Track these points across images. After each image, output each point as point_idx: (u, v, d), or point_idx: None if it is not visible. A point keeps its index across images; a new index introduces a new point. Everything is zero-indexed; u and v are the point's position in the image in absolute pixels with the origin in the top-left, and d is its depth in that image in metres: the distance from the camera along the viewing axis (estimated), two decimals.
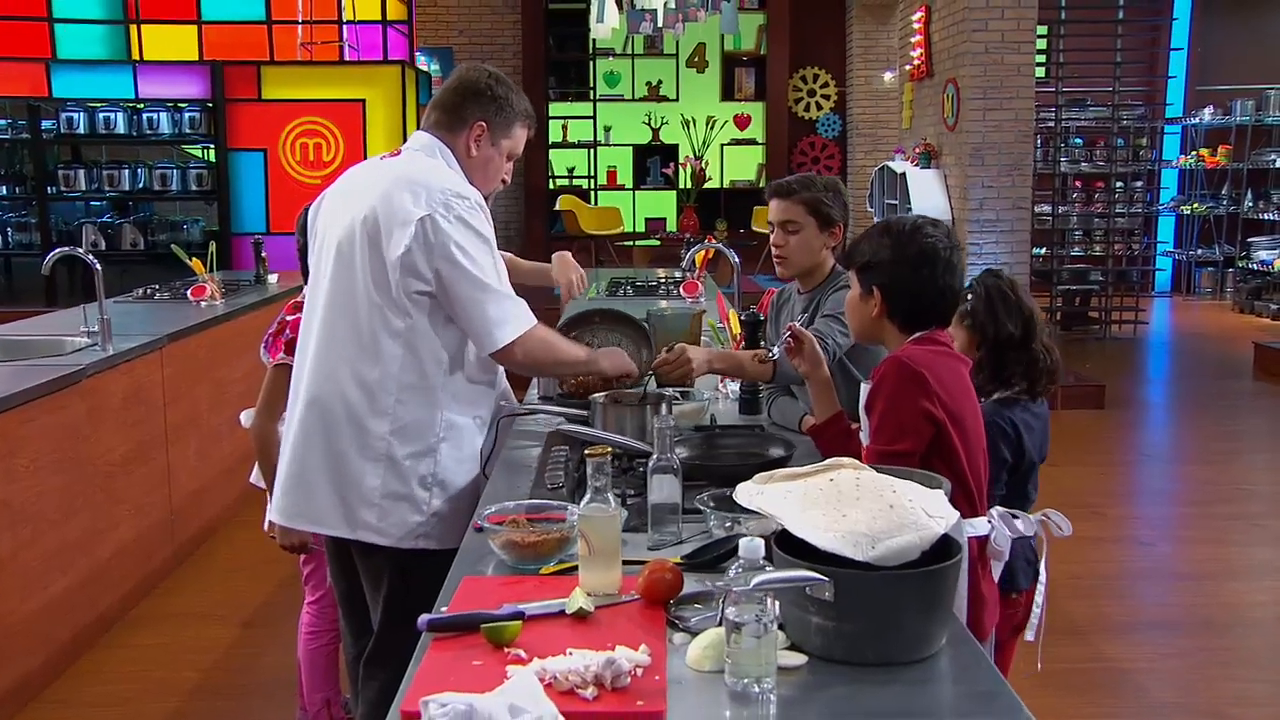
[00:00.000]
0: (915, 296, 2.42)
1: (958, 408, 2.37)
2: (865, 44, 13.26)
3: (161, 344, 4.92)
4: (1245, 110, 12.39)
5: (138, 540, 4.67)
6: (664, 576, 1.92)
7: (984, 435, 2.48)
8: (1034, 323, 2.83)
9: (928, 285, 2.41)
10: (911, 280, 2.41)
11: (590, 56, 13.27)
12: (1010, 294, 2.83)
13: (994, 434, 2.69)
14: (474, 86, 2.75)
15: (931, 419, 2.33)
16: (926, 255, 2.40)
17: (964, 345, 2.81)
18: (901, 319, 2.44)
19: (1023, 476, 2.79)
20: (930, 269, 2.40)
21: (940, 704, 1.65)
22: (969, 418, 2.41)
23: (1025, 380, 2.82)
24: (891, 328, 2.46)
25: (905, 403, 2.31)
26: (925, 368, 2.33)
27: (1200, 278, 13.44)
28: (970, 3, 9.14)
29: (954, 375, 2.40)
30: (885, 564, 1.74)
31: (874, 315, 2.47)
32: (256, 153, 9.37)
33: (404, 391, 2.59)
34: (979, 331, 2.82)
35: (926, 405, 2.31)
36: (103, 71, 9.70)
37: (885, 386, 2.34)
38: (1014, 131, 9.33)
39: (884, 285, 2.43)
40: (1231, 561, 5.18)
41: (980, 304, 2.82)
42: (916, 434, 2.31)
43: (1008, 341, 2.82)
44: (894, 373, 2.34)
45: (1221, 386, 8.74)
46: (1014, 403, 2.80)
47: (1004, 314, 2.81)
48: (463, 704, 1.46)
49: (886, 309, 2.44)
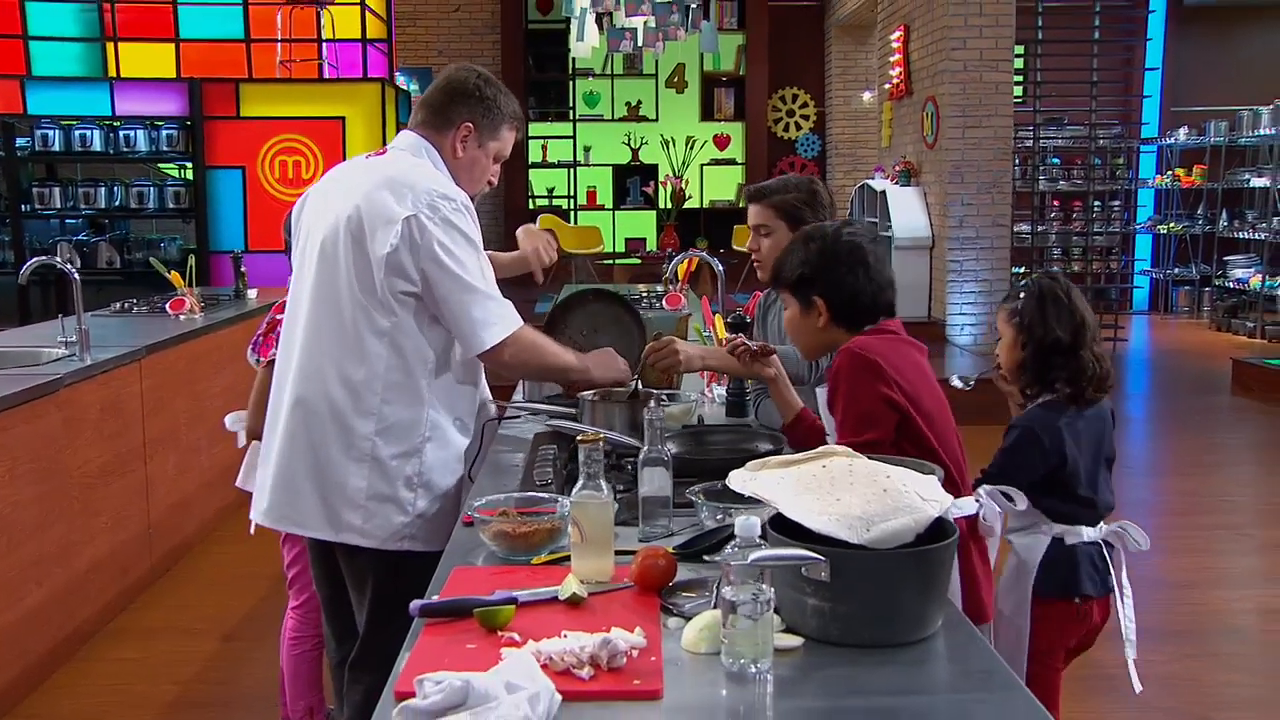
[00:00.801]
0: (856, 296, 2.45)
1: (915, 391, 2.37)
2: (844, 64, 13.35)
3: (140, 355, 4.87)
4: (1219, 131, 12.52)
5: (115, 553, 4.61)
6: (657, 563, 1.90)
7: (949, 415, 2.47)
8: (1085, 329, 2.70)
9: (864, 282, 2.44)
10: (848, 281, 2.44)
11: (570, 77, 13.31)
12: (1064, 298, 2.71)
13: (1025, 442, 2.65)
14: (462, 87, 2.73)
15: (893, 405, 2.33)
16: (856, 253, 2.44)
17: (1009, 342, 2.75)
18: (848, 321, 2.46)
19: (1070, 481, 2.67)
20: (864, 265, 2.44)
21: (937, 682, 1.63)
22: (928, 400, 2.41)
23: (1069, 386, 2.69)
24: (840, 332, 2.47)
25: (864, 392, 2.32)
26: (878, 355, 2.34)
27: (1178, 296, 13.53)
28: (949, 22, 9.22)
29: (908, 360, 2.41)
30: (880, 547, 1.72)
31: (821, 326, 2.48)
32: (235, 170, 9.33)
33: (389, 391, 2.56)
34: (1025, 331, 2.72)
35: (885, 391, 2.32)
36: (79, 89, 9.66)
37: (842, 380, 2.35)
38: (993, 149, 9.40)
39: (824, 293, 2.45)
40: (1215, 570, 5.19)
41: (1032, 303, 2.72)
42: (881, 422, 2.31)
43: (1054, 346, 2.69)
44: (848, 364, 2.35)
45: (1201, 402, 8.78)
46: (1056, 406, 2.70)
47: (1054, 317, 2.68)
48: (458, 680, 1.43)
49: (831, 316, 2.46)
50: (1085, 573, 2.67)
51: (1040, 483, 2.65)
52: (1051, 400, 2.70)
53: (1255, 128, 11.99)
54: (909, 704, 1.54)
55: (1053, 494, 2.67)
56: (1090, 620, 2.71)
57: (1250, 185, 12.32)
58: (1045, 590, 2.67)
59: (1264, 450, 7.52)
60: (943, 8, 9.30)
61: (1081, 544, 2.67)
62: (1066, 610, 2.68)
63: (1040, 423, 2.67)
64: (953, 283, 9.52)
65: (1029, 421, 2.69)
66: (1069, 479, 2.66)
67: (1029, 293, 2.75)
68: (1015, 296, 2.77)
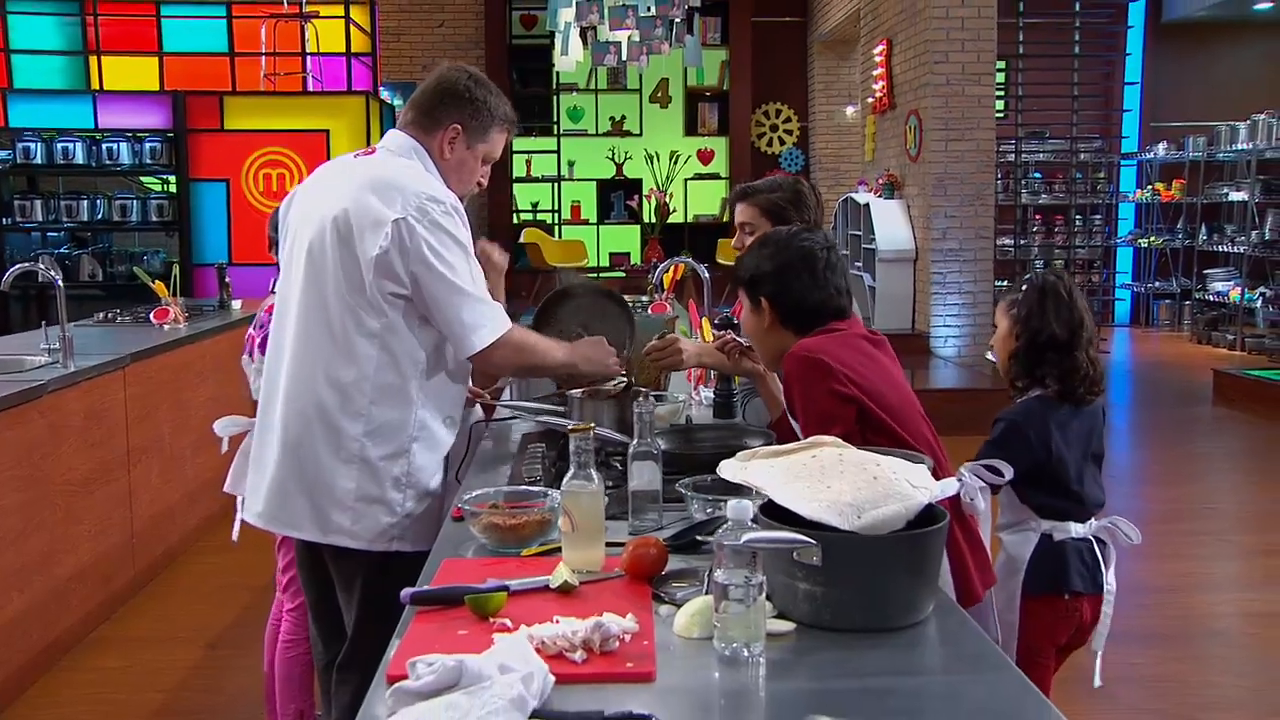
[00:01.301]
0: (801, 300, 2.47)
1: (869, 382, 2.37)
2: (826, 79, 13.42)
3: (124, 363, 4.84)
4: (1198, 146, 12.63)
5: (98, 562, 4.57)
6: (649, 552, 1.90)
7: (915, 402, 2.48)
8: (1083, 330, 2.71)
9: (810, 288, 2.46)
10: (795, 285, 2.47)
11: (554, 92, 13.34)
12: (1065, 296, 2.72)
13: (1011, 435, 2.67)
14: (452, 88, 2.71)
15: (847, 399, 2.33)
16: (807, 259, 2.46)
17: (1004, 332, 2.77)
18: (795, 325, 2.48)
19: (1059, 476, 2.69)
20: (811, 272, 2.46)
21: (929, 664, 1.64)
22: (886, 388, 2.41)
23: (1059, 384, 2.71)
24: (788, 334, 2.49)
25: (816, 391, 2.33)
26: (822, 353, 2.35)
27: (1159, 310, 13.62)
28: (931, 36, 9.29)
29: (857, 352, 2.41)
30: (871, 534, 1.73)
31: (766, 326, 2.51)
32: (219, 183, 9.31)
33: (378, 392, 2.55)
34: (1022, 323, 2.74)
35: (836, 387, 2.32)
36: (62, 101, 9.63)
37: (793, 384, 2.37)
38: (975, 162, 9.45)
39: (770, 295, 2.49)
40: (1198, 575, 5.21)
41: (1034, 296, 2.74)
42: (840, 418, 2.32)
43: (1050, 341, 2.70)
44: (795, 367, 2.36)
45: (1183, 412, 8.83)
46: (1046, 401, 2.71)
47: (1054, 314, 2.69)
48: (451, 660, 1.43)
49: (778, 317, 2.49)
50: (1075, 569, 2.68)
51: (1027, 477, 2.66)
52: (1042, 395, 2.72)
53: (1233, 142, 12.11)
54: (901, 684, 1.55)
55: (1041, 489, 2.68)
56: (1080, 617, 2.72)
57: (1229, 199, 12.43)
58: (1035, 587, 2.68)
59: (1245, 459, 7.57)
60: (925, 22, 9.37)
61: (1071, 540, 2.68)
62: (1056, 607, 2.68)
63: (1027, 416, 2.69)
64: (936, 295, 9.56)
65: (1016, 415, 2.70)
66: (1056, 474, 2.67)
67: (1032, 285, 2.77)
68: (1018, 288, 2.80)
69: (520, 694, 1.39)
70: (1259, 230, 11.81)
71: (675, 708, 1.39)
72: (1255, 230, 11.81)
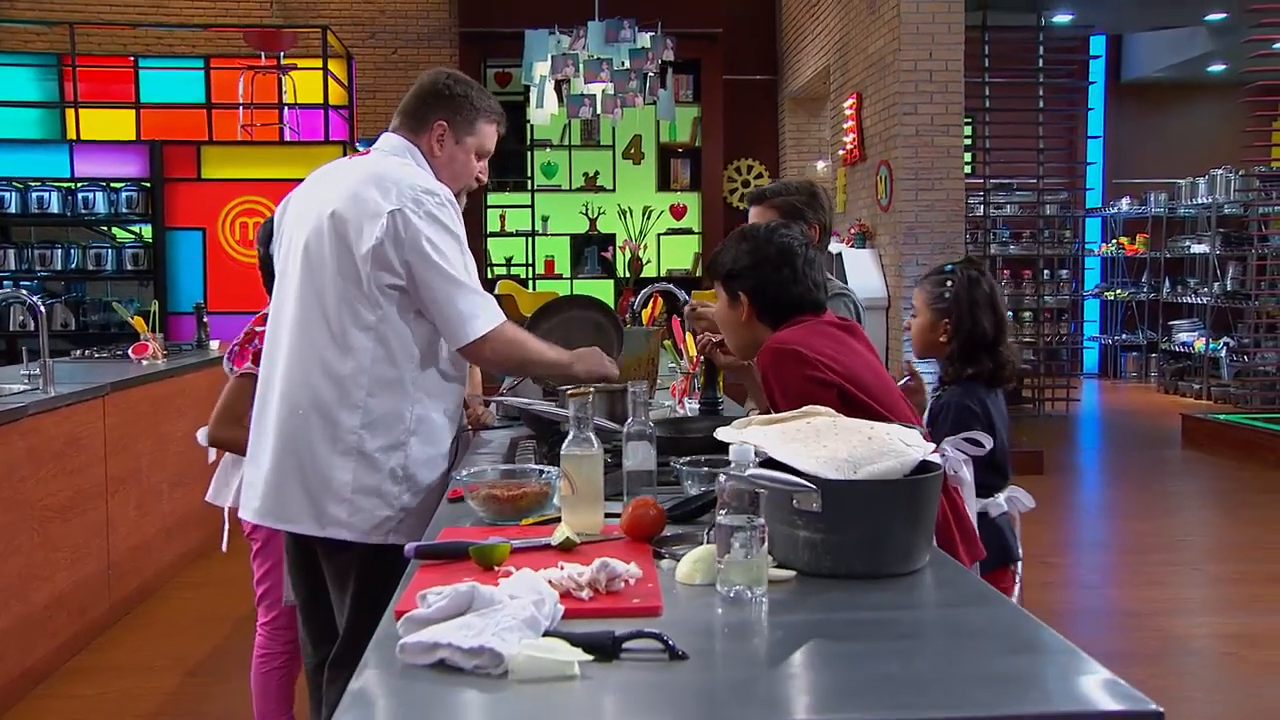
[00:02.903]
0: (779, 295, 2.48)
1: (845, 367, 2.37)
2: (797, 135, 13.63)
3: (104, 392, 4.83)
4: (1159, 202, 12.91)
5: (74, 590, 4.52)
6: (648, 513, 1.93)
7: (892, 383, 2.53)
8: (1005, 325, 2.92)
9: (789, 283, 2.47)
10: (774, 279, 2.48)
11: (528, 147, 13.47)
12: (988, 292, 2.91)
13: (965, 415, 2.77)
14: (433, 89, 2.79)
15: (825, 384, 2.33)
16: (785, 254, 2.48)
17: (925, 324, 2.86)
18: (771, 319, 2.49)
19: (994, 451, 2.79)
20: (790, 267, 2.47)
21: (930, 601, 1.67)
22: (864, 371, 2.42)
23: (991, 373, 2.92)
24: (763, 328, 2.50)
25: (792, 379, 2.33)
26: (796, 343, 2.36)
27: (1126, 362, 13.80)
28: (900, 88, 9.48)
29: (830, 339, 2.42)
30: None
31: (744, 320, 2.51)
32: (195, 232, 9.33)
33: (375, 385, 2.56)
34: (954, 327, 2.88)
35: (813, 374, 2.32)
36: (38, 150, 9.64)
37: (770, 376, 2.37)
38: (946, 211, 9.60)
39: (749, 289, 2.49)
40: (1173, 600, 5.27)
41: (963, 294, 2.86)
42: (820, 402, 2.33)
43: (980, 341, 2.90)
44: (770, 360, 2.36)
45: (1153, 455, 8.94)
46: (973, 385, 2.88)
47: (983, 313, 2.88)
48: (464, 587, 1.45)
49: (755, 311, 2.50)
50: (1010, 540, 2.82)
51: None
52: (971, 379, 2.85)
53: (1193, 197, 12.39)
54: (903, 616, 1.58)
55: (980, 466, 2.76)
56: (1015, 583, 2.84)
57: (1191, 252, 12.68)
58: (988, 564, 2.74)
59: (1214, 497, 7.67)
60: (894, 75, 9.57)
61: (1002, 514, 2.79)
62: (1007, 577, 2.82)
63: (970, 398, 2.82)
64: (909, 342, 9.66)
65: (960, 399, 2.79)
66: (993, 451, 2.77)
67: (959, 282, 2.87)
68: (941, 283, 2.89)
69: (533, 615, 1.41)
70: (1220, 282, 12.04)
71: (681, 636, 1.41)
72: (1217, 282, 12.04)
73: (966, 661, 1.38)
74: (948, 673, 1.35)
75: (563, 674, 1.31)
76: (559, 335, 3.08)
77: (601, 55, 9.29)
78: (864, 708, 1.25)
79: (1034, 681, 1.33)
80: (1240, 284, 11.77)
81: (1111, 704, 1.24)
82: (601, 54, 9.30)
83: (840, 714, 1.25)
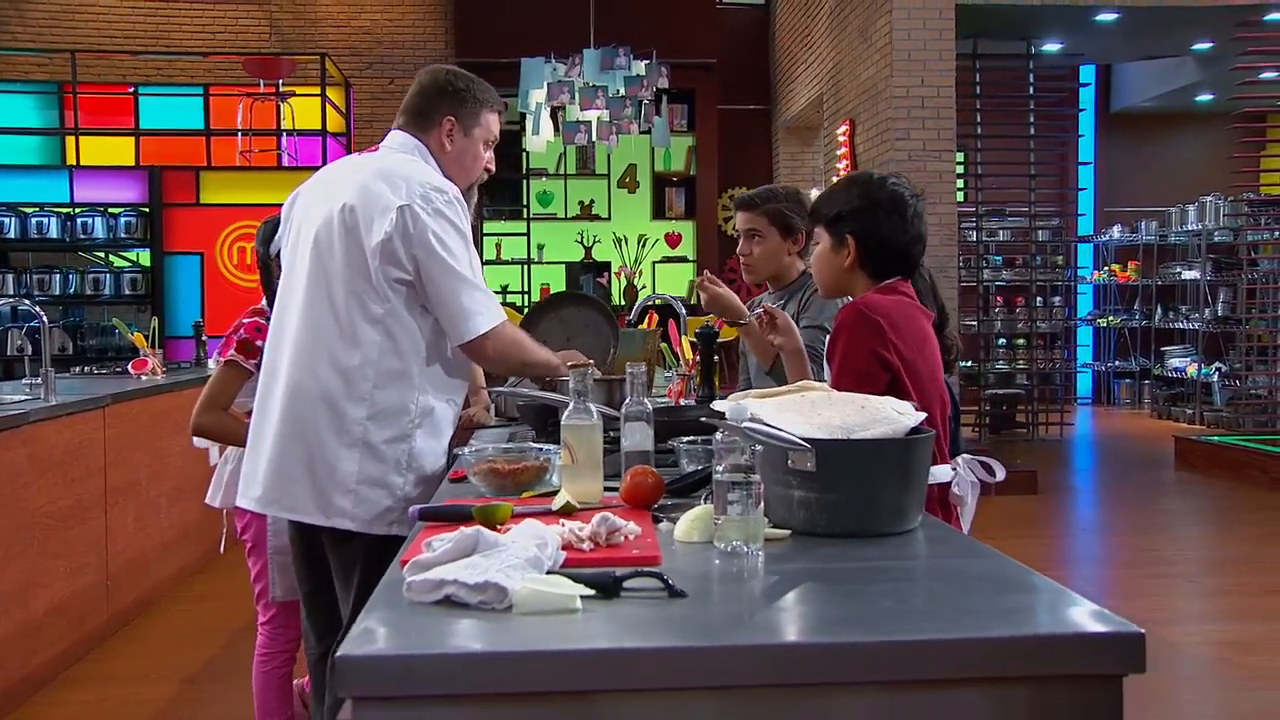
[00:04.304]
0: (888, 243, 2.49)
1: (914, 356, 2.42)
2: (791, 164, 13.76)
3: (105, 403, 4.86)
4: (1150, 229, 13.04)
5: (72, 599, 4.54)
6: (646, 480, 1.97)
7: (943, 387, 2.56)
8: (946, 313, 2.89)
9: (898, 232, 2.49)
10: (884, 226, 2.48)
11: (524, 176, 13.57)
12: (930, 286, 2.91)
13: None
14: (436, 85, 2.84)
15: (886, 365, 2.38)
16: (896, 202, 2.49)
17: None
18: (872, 268, 2.51)
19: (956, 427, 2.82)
20: (900, 215, 2.49)
21: (923, 552, 1.70)
22: (924, 367, 2.46)
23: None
24: (862, 277, 2.52)
25: (861, 347, 2.36)
26: (883, 315, 2.39)
27: (1119, 389, 13.87)
28: (892, 114, 9.60)
29: (913, 324, 2.47)
30: None
31: (846, 266, 2.52)
32: (193, 256, 9.40)
33: (381, 377, 2.60)
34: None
35: (881, 351, 2.36)
36: (37, 176, 9.72)
37: (844, 332, 2.40)
38: (938, 236, 9.66)
39: (856, 233, 2.50)
40: (1168, 610, 5.30)
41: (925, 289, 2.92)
42: (872, 378, 2.37)
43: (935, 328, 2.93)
44: (852, 319, 2.40)
45: (1147, 475, 8.98)
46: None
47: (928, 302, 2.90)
48: (469, 530, 1.48)
49: (859, 257, 2.50)
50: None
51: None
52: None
53: (1183, 224, 12.50)
54: (898, 565, 1.62)
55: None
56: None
57: (1182, 278, 12.78)
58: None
59: (1207, 514, 7.71)
60: (886, 102, 9.69)
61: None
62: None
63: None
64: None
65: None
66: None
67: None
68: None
69: (536, 555, 1.45)
70: (1211, 307, 12.13)
71: (681, 581, 1.44)
72: (1208, 308, 12.13)
73: (959, 599, 1.42)
74: (941, 606, 1.39)
75: (565, 607, 1.35)
76: (556, 331, 3.13)
77: (597, 82, 9.40)
78: (857, 633, 1.28)
79: (1024, 611, 1.37)
80: (1231, 309, 11.86)
81: (1097, 626, 1.28)
82: (597, 81, 9.41)
83: (833, 637, 1.29)
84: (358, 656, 1.23)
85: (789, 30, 13.10)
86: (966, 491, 2.56)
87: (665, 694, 1.24)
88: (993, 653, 1.25)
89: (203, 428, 3.18)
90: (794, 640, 1.30)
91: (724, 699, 1.23)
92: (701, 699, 1.24)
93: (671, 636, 1.31)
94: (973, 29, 10.22)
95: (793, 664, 1.24)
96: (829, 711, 1.24)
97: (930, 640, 1.25)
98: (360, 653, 1.23)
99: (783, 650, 1.26)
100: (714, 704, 1.23)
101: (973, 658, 1.25)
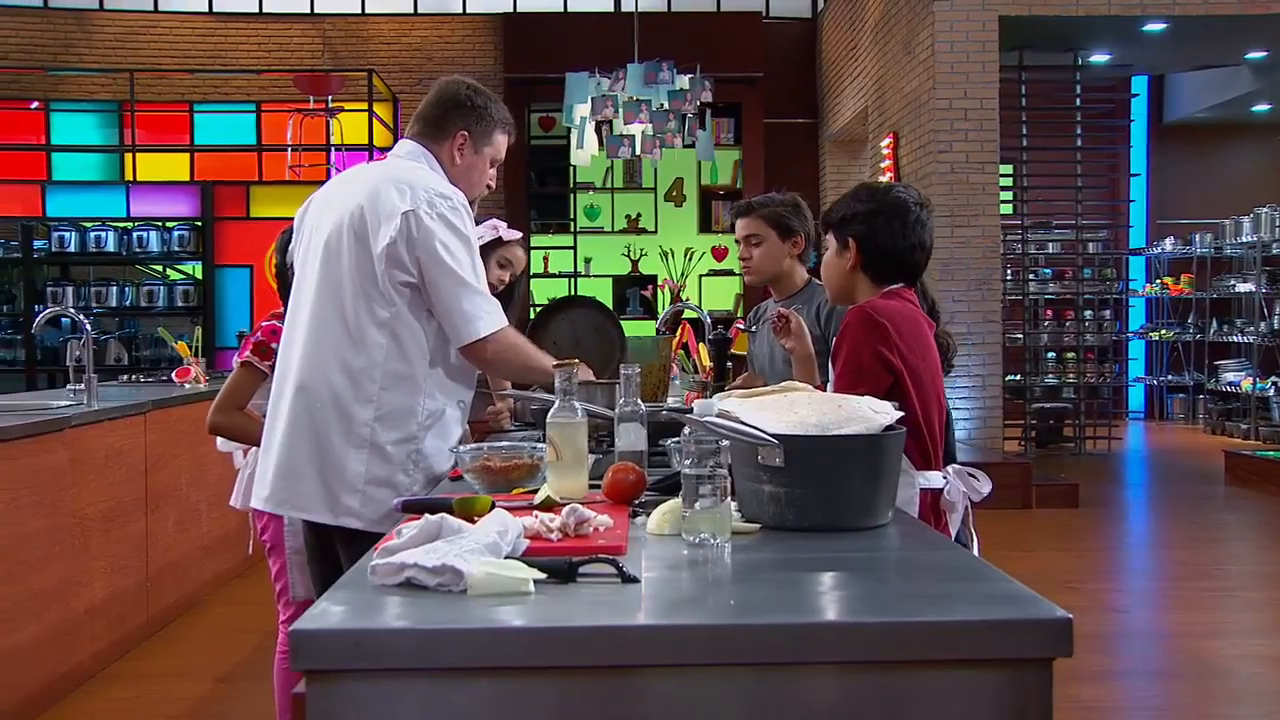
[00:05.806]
0: (887, 247, 2.55)
1: (916, 361, 2.46)
2: (838, 178, 13.74)
3: (145, 409, 5.00)
4: (1204, 242, 12.85)
5: (112, 599, 4.66)
6: (627, 477, 2.01)
7: (943, 394, 2.58)
8: (938, 311, 2.92)
9: (899, 237, 2.55)
10: (884, 230, 2.55)
11: (571, 190, 13.68)
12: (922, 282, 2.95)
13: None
14: (454, 98, 2.91)
15: (889, 367, 2.42)
16: (898, 208, 2.56)
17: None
18: (873, 272, 2.57)
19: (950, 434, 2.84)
20: (901, 221, 2.55)
21: (890, 546, 1.73)
22: (926, 373, 2.50)
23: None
24: (864, 280, 2.58)
25: (866, 349, 2.42)
26: (888, 318, 2.44)
27: (1173, 404, 13.67)
28: (935, 126, 9.58)
29: (916, 330, 2.50)
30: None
31: (849, 268, 2.59)
32: (243, 269, 9.60)
33: (388, 379, 2.67)
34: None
35: (885, 353, 2.41)
36: (96, 192, 9.99)
37: (849, 334, 2.45)
38: (981, 248, 9.64)
39: (859, 236, 2.57)
40: (1211, 624, 5.23)
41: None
42: (874, 380, 2.41)
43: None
44: (857, 321, 2.45)
45: (1195, 490, 8.85)
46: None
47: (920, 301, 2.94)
48: (434, 518, 1.54)
49: (861, 260, 2.57)
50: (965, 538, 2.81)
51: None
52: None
53: (1238, 236, 12.31)
54: (865, 557, 1.65)
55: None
56: None
57: (1237, 291, 12.58)
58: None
59: (1256, 529, 7.59)
60: (929, 114, 9.67)
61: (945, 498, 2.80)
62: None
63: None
64: (950, 378, 9.66)
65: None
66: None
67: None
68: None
69: (495, 541, 1.50)
70: (1267, 321, 11.93)
71: (645, 569, 1.48)
72: (1264, 321, 11.92)
73: (904, 586, 1.46)
74: (884, 593, 1.42)
75: (518, 590, 1.40)
76: (565, 334, 3.18)
77: (640, 96, 9.48)
78: (787, 615, 1.32)
79: (962, 599, 1.39)
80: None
81: (1026, 613, 1.30)
82: (640, 95, 9.48)
83: (769, 618, 1.32)
84: (311, 631, 1.29)
85: (835, 43, 13.10)
86: (958, 499, 2.58)
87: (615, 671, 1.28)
88: (927, 637, 1.27)
89: (218, 426, 3.26)
90: (731, 622, 1.33)
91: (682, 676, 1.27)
92: (650, 677, 1.28)
93: (617, 616, 1.35)
94: (1018, 41, 10.17)
95: (731, 643, 1.28)
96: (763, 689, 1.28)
97: (862, 623, 1.28)
98: (313, 628, 1.29)
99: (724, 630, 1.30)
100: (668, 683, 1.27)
101: (910, 640, 1.27)
